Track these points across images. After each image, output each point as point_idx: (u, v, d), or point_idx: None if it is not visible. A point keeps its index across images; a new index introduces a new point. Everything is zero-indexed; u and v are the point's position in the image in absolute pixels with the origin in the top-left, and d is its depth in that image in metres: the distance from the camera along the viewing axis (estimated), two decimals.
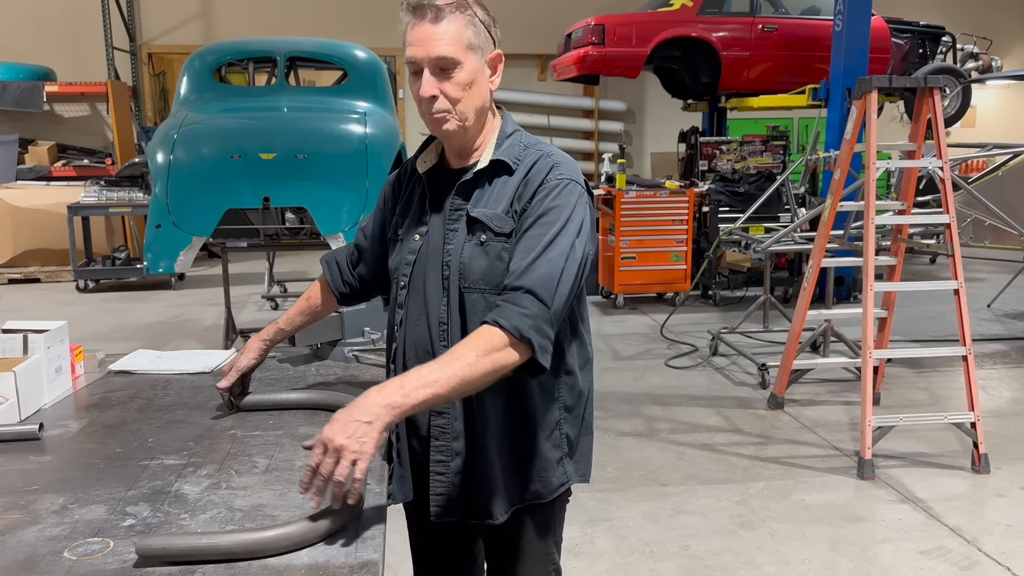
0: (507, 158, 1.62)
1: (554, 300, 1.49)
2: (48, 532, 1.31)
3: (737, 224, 6.25)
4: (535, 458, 1.67)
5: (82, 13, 10.78)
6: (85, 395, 2.02)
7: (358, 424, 1.31)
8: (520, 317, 1.46)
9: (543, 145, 1.68)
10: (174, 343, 6.22)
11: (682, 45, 8.36)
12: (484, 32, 1.58)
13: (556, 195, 1.57)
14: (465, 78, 1.56)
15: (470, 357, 1.42)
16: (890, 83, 4.13)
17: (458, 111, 1.58)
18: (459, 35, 1.54)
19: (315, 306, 1.98)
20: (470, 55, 1.56)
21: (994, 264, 9.03)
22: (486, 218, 1.59)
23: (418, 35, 1.54)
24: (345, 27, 11.04)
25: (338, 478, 1.28)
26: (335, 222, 4.88)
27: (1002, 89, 13.51)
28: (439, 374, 1.40)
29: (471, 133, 1.64)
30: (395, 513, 1.73)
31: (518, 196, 1.60)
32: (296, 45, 6.05)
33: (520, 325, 1.45)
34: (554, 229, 1.54)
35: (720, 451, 4.18)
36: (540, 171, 1.60)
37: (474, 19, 1.56)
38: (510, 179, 1.62)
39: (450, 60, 1.53)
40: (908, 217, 4.49)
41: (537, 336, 1.47)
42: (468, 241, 1.61)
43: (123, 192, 8.47)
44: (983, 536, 3.30)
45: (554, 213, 1.55)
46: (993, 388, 5.13)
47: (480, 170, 1.63)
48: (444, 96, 1.56)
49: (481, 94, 1.60)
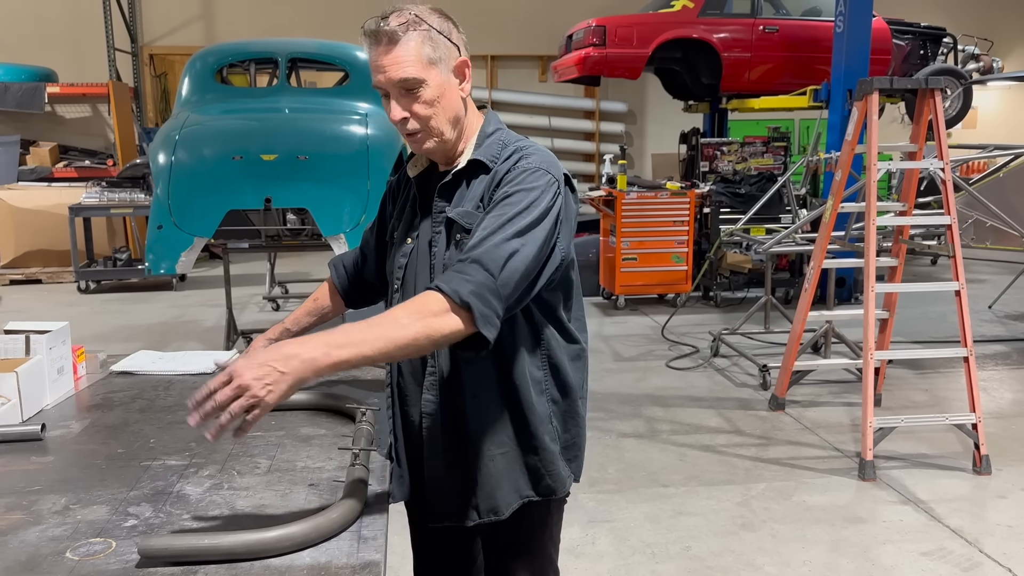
0: (484, 157, 1.61)
1: (502, 273, 1.43)
2: (50, 532, 1.32)
3: (738, 225, 6.25)
4: (536, 455, 1.66)
5: (83, 14, 10.79)
6: (87, 396, 2.03)
7: (271, 369, 1.26)
8: (461, 282, 1.40)
9: (523, 142, 1.65)
10: (176, 344, 6.22)
11: (683, 46, 8.36)
12: (444, 42, 1.55)
13: (522, 179, 1.54)
14: (431, 94, 1.54)
15: (402, 319, 1.37)
16: (891, 84, 4.13)
17: (431, 128, 1.57)
18: (417, 54, 1.52)
19: (323, 307, 1.98)
20: (432, 70, 1.54)
21: (995, 265, 9.02)
22: (459, 217, 1.59)
23: (379, 61, 1.53)
24: (346, 28, 11.01)
25: (229, 413, 1.24)
26: (336, 223, 4.88)
27: (1003, 90, 13.50)
28: (366, 334, 1.33)
29: (451, 142, 1.63)
30: (396, 514, 1.74)
31: (488, 189, 1.58)
32: (297, 46, 6.06)
33: (460, 289, 1.39)
34: (514, 210, 1.50)
35: (721, 452, 4.18)
36: (510, 161, 1.59)
37: (430, 33, 1.53)
38: (486, 177, 1.60)
39: (412, 80, 1.52)
40: (909, 218, 4.49)
41: (478, 302, 1.39)
42: (448, 243, 1.61)
43: (124, 193, 8.47)
44: (984, 537, 3.29)
45: (517, 196, 1.52)
46: (994, 389, 5.13)
47: (459, 171, 1.63)
48: (414, 117, 1.55)
49: (452, 105, 1.59)
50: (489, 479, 1.64)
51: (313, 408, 1.90)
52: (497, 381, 1.62)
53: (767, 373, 5.15)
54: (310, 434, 1.76)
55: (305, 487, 1.49)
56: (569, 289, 1.69)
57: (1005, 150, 6.53)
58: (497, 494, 1.64)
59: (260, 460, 1.61)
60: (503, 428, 1.64)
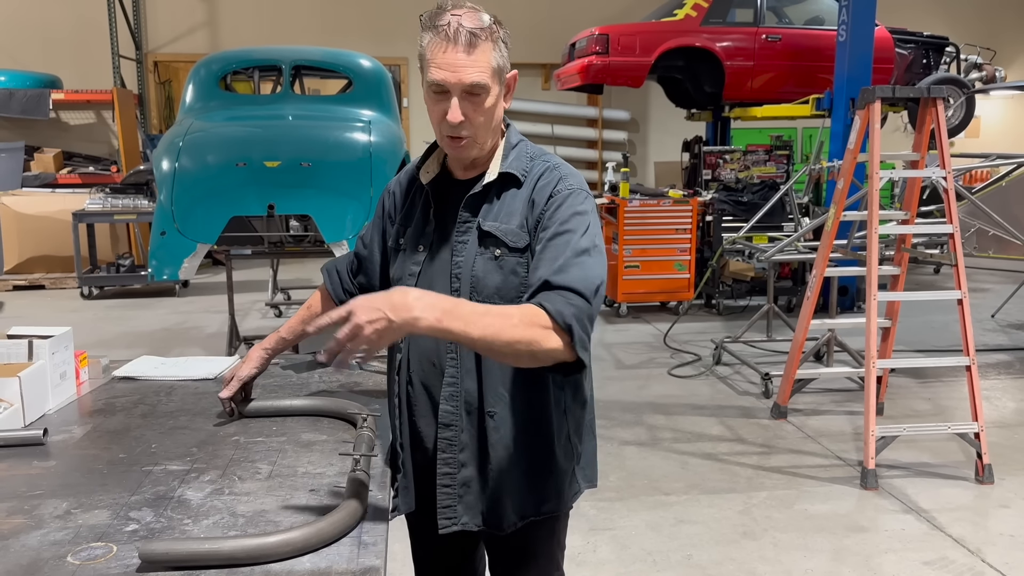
0: (515, 171, 1.63)
1: (595, 299, 1.48)
2: (52, 537, 1.32)
3: (740, 233, 6.25)
4: (553, 471, 1.67)
5: (88, 21, 10.83)
6: (89, 401, 2.03)
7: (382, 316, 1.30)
8: (565, 304, 1.43)
9: (548, 156, 1.68)
10: (178, 350, 6.22)
11: (686, 55, 8.38)
12: (506, 53, 1.59)
13: (570, 205, 1.57)
14: (490, 102, 1.57)
15: (513, 318, 1.40)
16: (894, 93, 4.14)
17: (479, 135, 1.59)
18: (489, 62, 1.54)
19: (316, 315, 1.97)
20: (495, 80, 1.57)
21: (998, 274, 9.01)
22: (500, 233, 1.59)
23: (449, 60, 1.51)
24: (350, 36, 11.07)
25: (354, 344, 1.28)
26: (339, 230, 4.89)
27: (1006, 99, 13.51)
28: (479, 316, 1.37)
29: (487, 151, 1.66)
30: (397, 521, 1.74)
31: (530, 210, 1.60)
32: (301, 54, 6.08)
33: (564, 311, 1.42)
34: (578, 235, 1.53)
35: (723, 460, 4.17)
36: (549, 184, 1.61)
37: (499, 43, 1.56)
38: (519, 192, 1.62)
39: (482, 86, 1.53)
40: (911, 227, 4.49)
41: (578, 327, 1.43)
42: (480, 255, 1.61)
43: (128, 199, 8.49)
44: (987, 547, 3.28)
45: (574, 221, 1.55)
46: (997, 399, 5.12)
47: (489, 183, 1.63)
48: (469, 122, 1.56)
49: (498, 115, 1.61)
50: (494, 494, 1.64)
51: (314, 414, 1.90)
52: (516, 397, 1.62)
53: (769, 381, 5.15)
54: (311, 440, 1.76)
55: (306, 492, 1.49)
56: None
57: (1008, 159, 6.53)
58: (500, 510, 1.65)
59: (261, 465, 1.62)
60: (517, 447, 1.64)
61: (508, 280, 1.59)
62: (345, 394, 2.04)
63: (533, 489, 1.66)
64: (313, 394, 2.05)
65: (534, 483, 1.66)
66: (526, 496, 1.65)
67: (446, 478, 1.64)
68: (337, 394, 2.04)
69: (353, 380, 2.18)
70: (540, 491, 1.67)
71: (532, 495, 1.66)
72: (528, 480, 1.65)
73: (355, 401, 1.92)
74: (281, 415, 1.90)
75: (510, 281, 1.58)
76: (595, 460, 1.80)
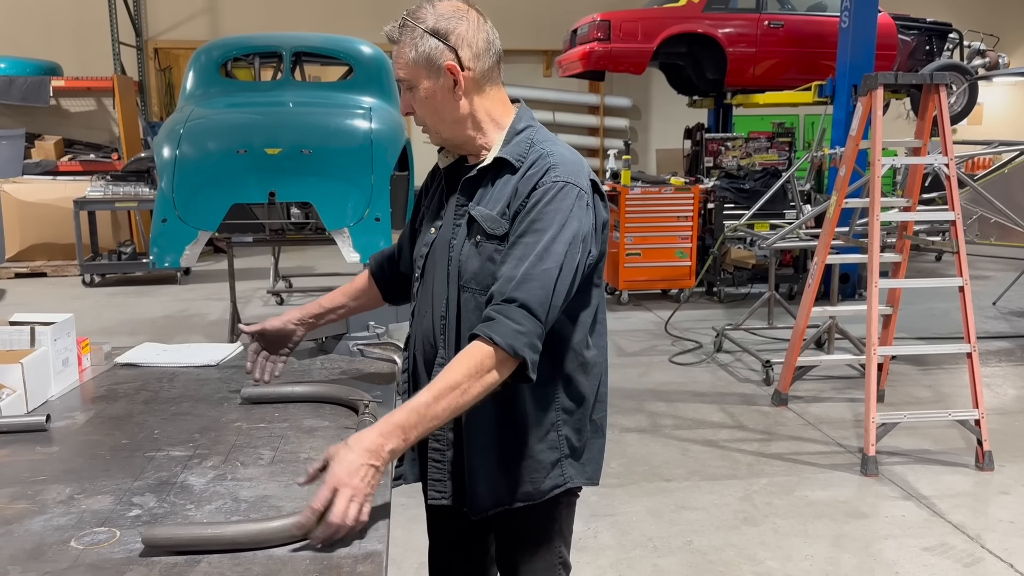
0: (510, 156, 1.60)
1: (547, 315, 1.50)
2: (55, 522, 1.32)
3: (742, 221, 6.24)
4: (524, 459, 1.67)
5: (88, 8, 10.80)
6: (92, 387, 2.04)
7: (367, 468, 1.34)
8: (515, 335, 1.46)
9: (550, 143, 1.63)
10: (180, 337, 6.23)
11: (688, 41, 8.35)
12: (435, 44, 1.54)
13: (551, 199, 1.53)
14: (424, 95, 1.58)
15: (462, 385, 1.44)
16: (896, 80, 4.13)
17: (429, 126, 1.63)
18: (406, 56, 1.56)
19: (357, 290, 1.99)
20: (421, 74, 1.56)
21: (1000, 262, 9.00)
22: (481, 218, 1.59)
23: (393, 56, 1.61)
24: (351, 22, 11.01)
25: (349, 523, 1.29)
26: (340, 217, 4.89)
27: (1009, 86, 13.46)
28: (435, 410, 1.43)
29: (461, 140, 1.64)
30: (398, 507, 1.74)
31: (514, 197, 1.57)
32: (302, 40, 6.06)
33: (515, 344, 1.46)
34: (547, 236, 1.51)
35: (724, 447, 4.18)
36: (536, 173, 1.57)
37: (418, 37, 1.54)
38: (512, 178, 1.59)
39: (405, 81, 1.58)
40: (913, 214, 4.48)
41: (530, 353, 1.48)
42: (467, 240, 1.62)
43: (129, 187, 8.48)
44: (986, 533, 3.30)
45: (548, 219, 1.52)
46: (997, 386, 5.13)
47: (484, 167, 1.63)
48: (414, 114, 1.62)
49: (446, 107, 1.59)
50: (472, 476, 1.66)
51: (316, 400, 1.91)
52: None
53: (770, 368, 5.15)
54: (313, 426, 1.77)
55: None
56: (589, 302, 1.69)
57: (1010, 146, 6.51)
58: (475, 492, 1.66)
59: (263, 451, 1.62)
60: (491, 433, 1.64)
61: (484, 267, 1.58)
62: (347, 381, 2.05)
63: (506, 475, 1.66)
64: (315, 381, 2.05)
65: (507, 470, 1.66)
66: (497, 481, 1.66)
67: (436, 453, 1.67)
68: (339, 381, 2.04)
69: (355, 367, 2.19)
70: (513, 479, 1.67)
71: (504, 481, 1.66)
72: (501, 467, 1.66)
73: (357, 388, 1.92)
74: (283, 401, 1.90)
75: (486, 268, 1.58)
76: (599, 458, 1.79)
